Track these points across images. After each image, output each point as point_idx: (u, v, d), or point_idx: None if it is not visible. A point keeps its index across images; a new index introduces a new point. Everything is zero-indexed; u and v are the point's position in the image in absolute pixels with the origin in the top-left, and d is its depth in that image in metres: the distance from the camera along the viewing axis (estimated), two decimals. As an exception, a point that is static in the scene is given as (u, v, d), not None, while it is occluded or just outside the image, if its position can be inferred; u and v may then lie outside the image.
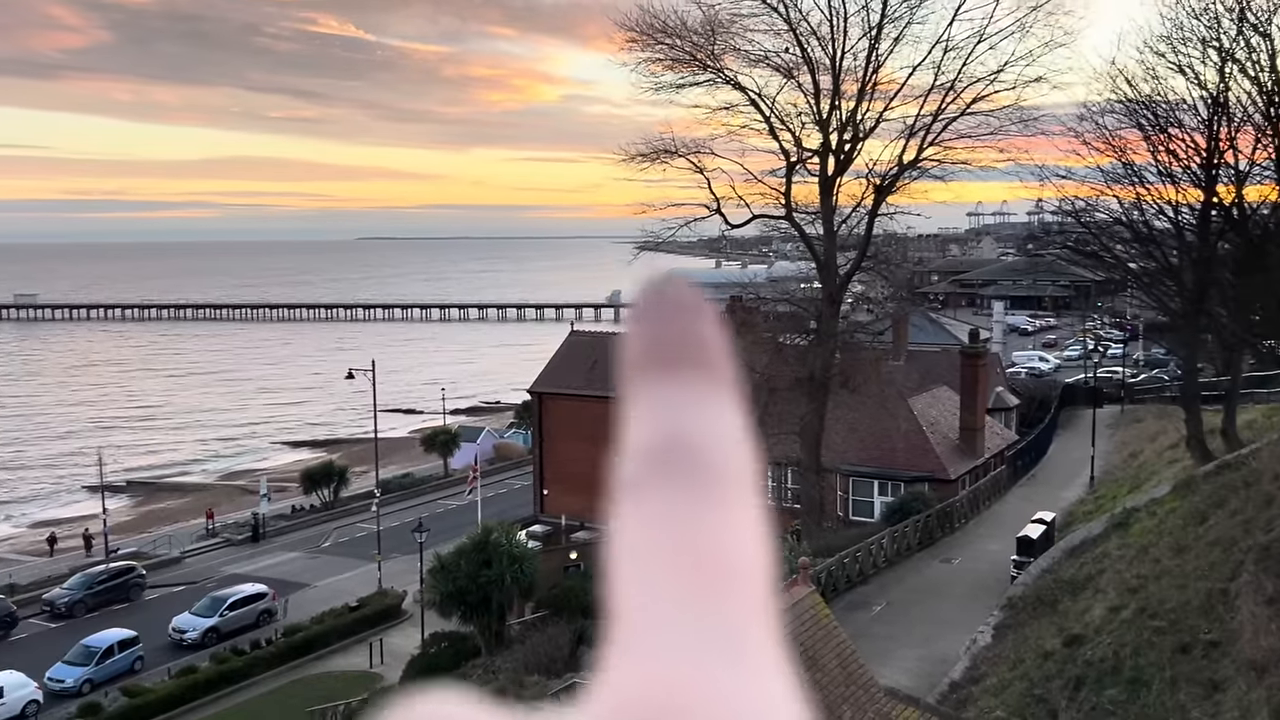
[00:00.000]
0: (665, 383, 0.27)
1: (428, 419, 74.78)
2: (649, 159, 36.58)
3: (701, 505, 0.26)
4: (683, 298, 0.27)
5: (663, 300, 0.27)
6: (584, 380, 44.78)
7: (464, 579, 29.28)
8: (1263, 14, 27.32)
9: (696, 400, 0.26)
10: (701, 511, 0.26)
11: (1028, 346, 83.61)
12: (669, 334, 0.27)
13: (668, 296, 0.27)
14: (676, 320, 0.27)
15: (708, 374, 0.27)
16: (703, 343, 0.27)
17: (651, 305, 0.27)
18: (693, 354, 0.27)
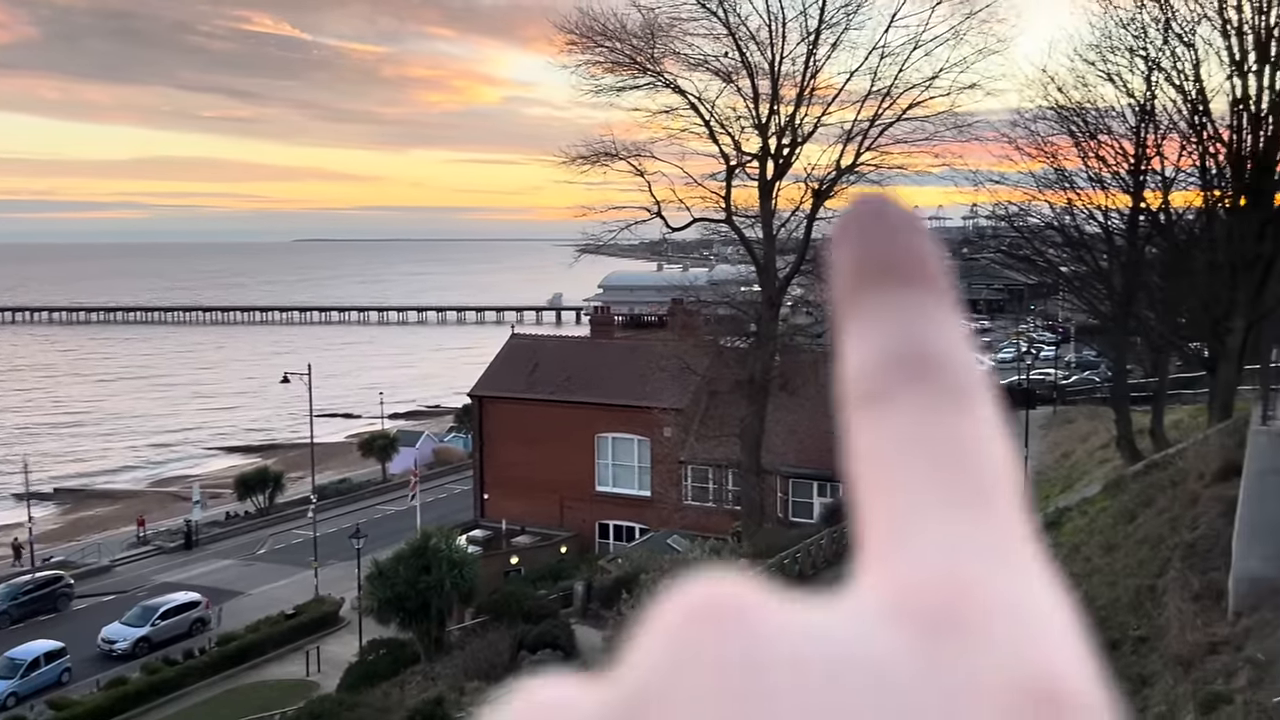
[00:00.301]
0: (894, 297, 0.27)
1: (366, 423, 73.94)
2: (589, 162, 36.58)
3: (953, 412, 0.26)
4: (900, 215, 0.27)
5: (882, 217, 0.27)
6: (525, 384, 44.56)
7: (403, 585, 28.97)
8: (1187, 25, 28.04)
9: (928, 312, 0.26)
10: (955, 418, 0.26)
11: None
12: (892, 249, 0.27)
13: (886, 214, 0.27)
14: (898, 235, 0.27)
15: (932, 287, 0.26)
16: (924, 257, 0.27)
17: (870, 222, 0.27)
18: (917, 268, 0.27)
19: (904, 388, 0.26)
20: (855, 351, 0.27)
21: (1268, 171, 27.33)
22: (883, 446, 0.26)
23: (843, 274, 0.28)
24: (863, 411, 0.27)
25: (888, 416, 0.26)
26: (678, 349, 36.82)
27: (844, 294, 0.28)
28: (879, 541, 0.25)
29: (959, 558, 0.24)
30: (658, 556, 31.06)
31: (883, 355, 0.26)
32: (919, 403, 0.26)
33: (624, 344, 45.76)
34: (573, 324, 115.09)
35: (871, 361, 0.27)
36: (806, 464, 38.76)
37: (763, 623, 0.23)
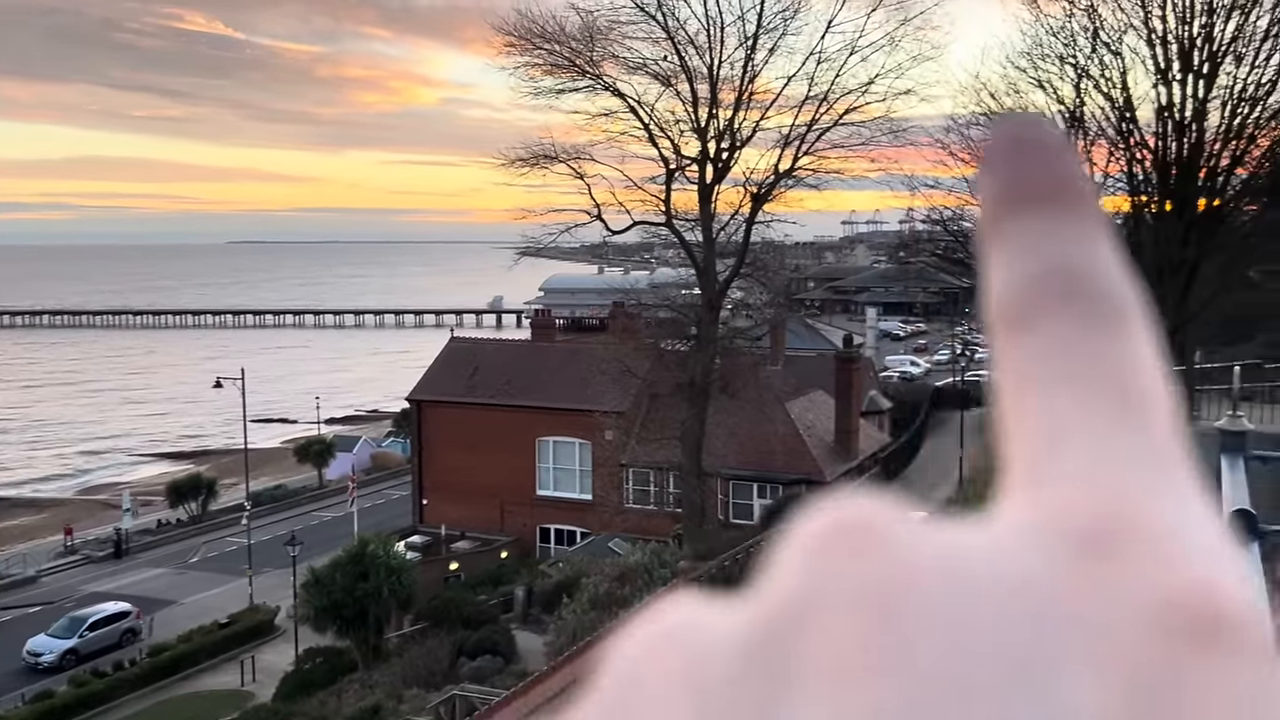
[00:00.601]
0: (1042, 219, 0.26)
1: (302, 429, 72.86)
2: (529, 164, 36.45)
3: (1105, 332, 0.25)
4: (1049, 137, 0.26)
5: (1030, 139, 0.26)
6: (464, 388, 44.25)
7: (339, 592, 28.61)
8: (1114, 34, 28.71)
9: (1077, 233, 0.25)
10: (1106, 338, 0.25)
11: (900, 351, 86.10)
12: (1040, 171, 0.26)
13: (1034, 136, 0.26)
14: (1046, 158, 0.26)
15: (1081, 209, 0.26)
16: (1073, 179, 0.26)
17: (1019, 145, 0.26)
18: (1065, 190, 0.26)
19: (1053, 308, 0.25)
20: (1002, 274, 0.26)
21: (1191, 177, 28.07)
22: (1031, 368, 0.25)
23: (990, 197, 0.27)
24: (1011, 334, 0.26)
25: (1037, 338, 0.25)
26: (619, 352, 36.81)
27: (991, 218, 0.27)
28: (1026, 463, 0.25)
29: (1110, 477, 0.23)
30: (599, 560, 31.02)
31: (1031, 276, 0.26)
32: (1069, 323, 0.25)
33: (565, 347, 45.65)
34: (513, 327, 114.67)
35: (1020, 283, 0.26)
36: (747, 466, 38.99)
37: (907, 539, 0.23)
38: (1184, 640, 0.20)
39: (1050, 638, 0.21)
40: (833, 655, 0.21)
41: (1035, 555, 0.22)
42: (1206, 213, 28.69)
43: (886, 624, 0.21)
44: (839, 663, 0.21)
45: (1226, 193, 29.21)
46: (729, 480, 39.21)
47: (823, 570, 0.23)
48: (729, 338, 37.68)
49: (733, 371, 35.99)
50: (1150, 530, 0.22)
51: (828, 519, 0.24)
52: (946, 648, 0.21)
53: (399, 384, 60.45)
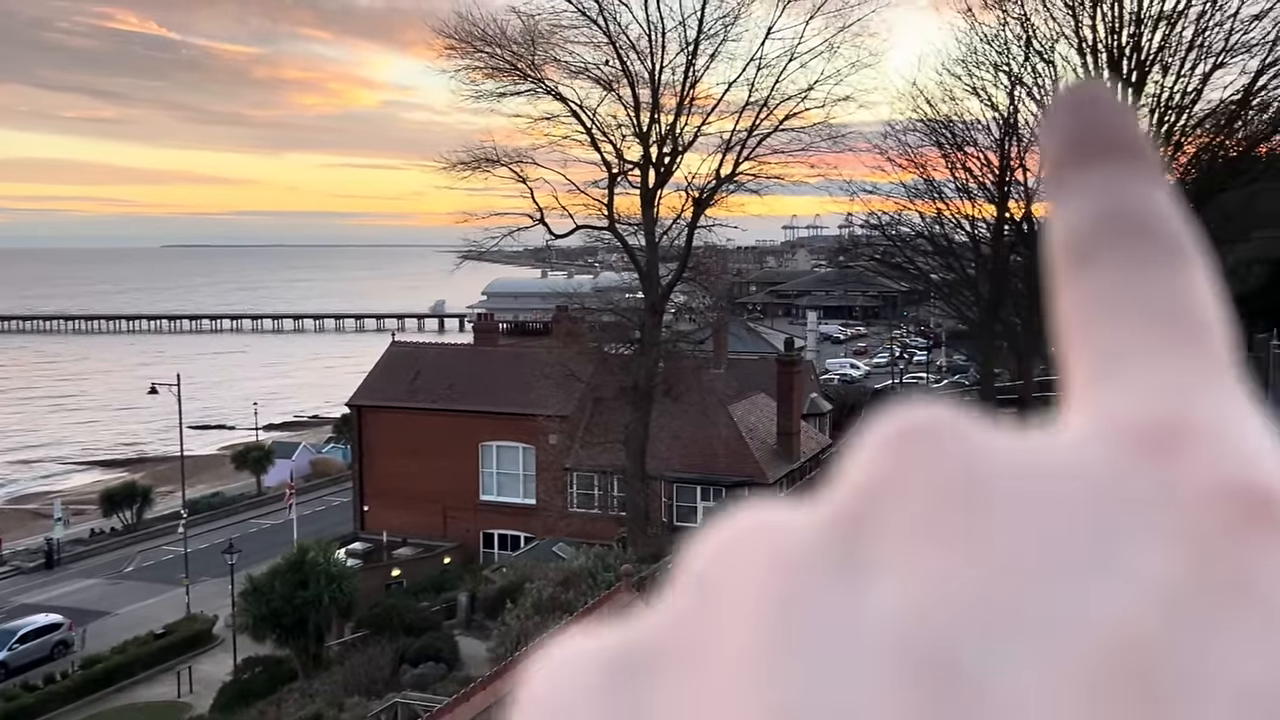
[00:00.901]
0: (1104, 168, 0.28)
1: (240, 435, 71.69)
2: (471, 168, 36.30)
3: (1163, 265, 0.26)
4: (1109, 97, 0.28)
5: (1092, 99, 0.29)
6: (406, 392, 43.89)
7: (279, 600, 28.24)
8: (1046, 42, 29.40)
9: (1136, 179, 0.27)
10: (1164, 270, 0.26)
11: (840, 354, 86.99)
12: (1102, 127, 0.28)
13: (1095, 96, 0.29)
14: (1107, 115, 0.28)
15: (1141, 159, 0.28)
16: (1133, 133, 0.28)
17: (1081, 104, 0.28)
18: (1126, 143, 0.28)
19: (1114, 244, 0.27)
20: (1065, 217, 0.28)
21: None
22: (1092, 298, 0.27)
23: (1054, 151, 0.29)
24: (1073, 270, 0.28)
25: (1098, 271, 0.27)
26: (562, 356, 36.77)
27: (1055, 170, 0.29)
28: (1087, 379, 0.26)
29: (1170, 386, 0.25)
30: (543, 565, 30.95)
31: (1093, 217, 0.27)
32: (1129, 257, 0.27)
33: (508, 351, 45.48)
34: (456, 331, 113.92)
35: (1083, 224, 0.28)
36: (690, 469, 39.14)
37: (978, 437, 0.24)
38: (1243, 519, 0.22)
39: (1117, 516, 0.22)
40: (911, 530, 0.23)
41: (1102, 450, 0.23)
42: (1136, 218, 29.42)
43: (961, 502, 0.23)
44: (917, 536, 0.22)
45: (1155, 198, 29.99)
46: (673, 483, 39.34)
47: (898, 460, 0.24)
48: (672, 341, 37.83)
49: (676, 375, 36.13)
50: (1209, 430, 0.23)
51: (902, 421, 0.25)
52: (1019, 522, 0.22)
53: (339, 389, 59.79)
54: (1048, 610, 0.21)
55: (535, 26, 35.37)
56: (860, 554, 0.23)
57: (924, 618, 0.21)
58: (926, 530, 0.23)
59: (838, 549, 0.23)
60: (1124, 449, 0.23)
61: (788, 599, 0.23)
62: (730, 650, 0.23)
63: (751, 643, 0.22)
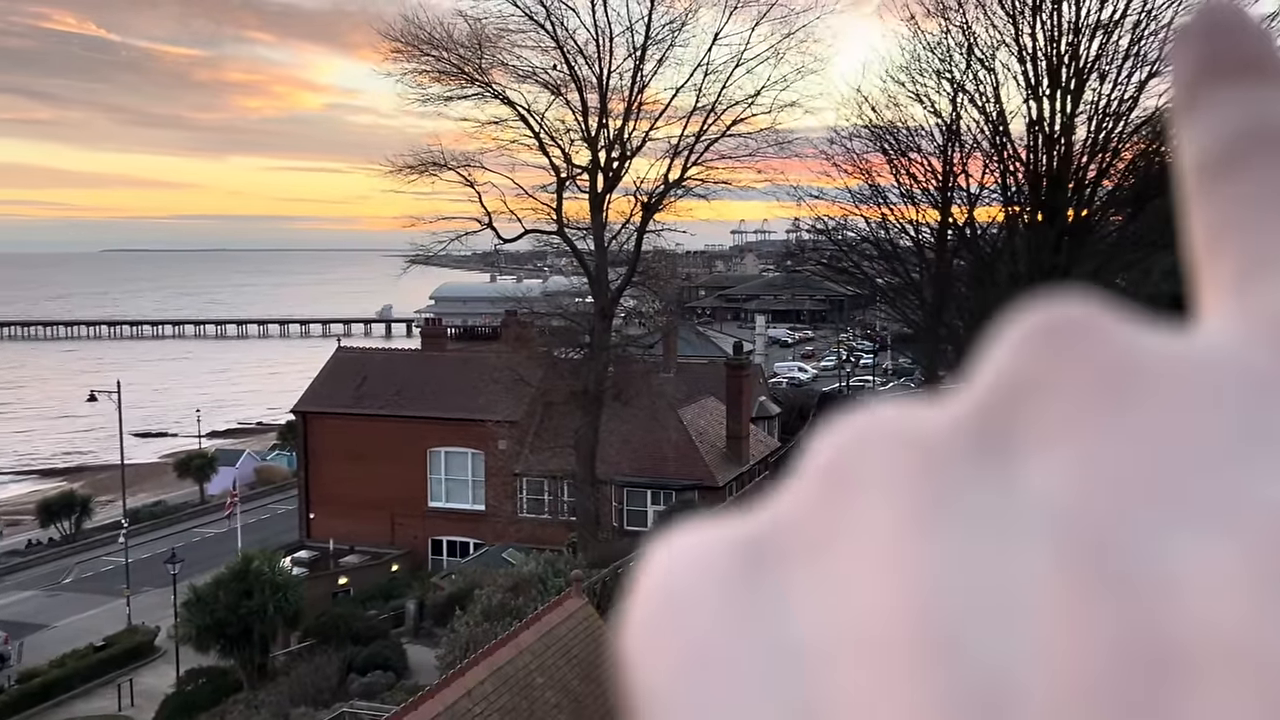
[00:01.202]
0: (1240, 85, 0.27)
1: (182, 443, 70.51)
2: (417, 171, 36.07)
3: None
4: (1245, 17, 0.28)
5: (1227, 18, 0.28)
6: (352, 398, 43.46)
7: (223, 611, 27.81)
8: (988, 50, 29.84)
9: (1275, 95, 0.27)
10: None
11: (788, 357, 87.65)
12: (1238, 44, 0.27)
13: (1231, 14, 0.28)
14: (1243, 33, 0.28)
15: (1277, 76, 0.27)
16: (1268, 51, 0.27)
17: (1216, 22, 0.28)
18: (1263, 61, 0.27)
19: (1253, 154, 0.26)
20: (1201, 135, 0.27)
21: (1061, 188, 29.32)
22: (1235, 207, 0.26)
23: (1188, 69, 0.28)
24: (1211, 183, 0.26)
25: (1241, 182, 0.26)
26: (511, 361, 36.64)
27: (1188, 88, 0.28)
28: (1233, 281, 0.25)
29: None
30: (492, 571, 30.80)
31: (1233, 132, 0.26)
32: (1269, 165, 0.26)
33: (456, 356, 45.22)
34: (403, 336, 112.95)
35: (1221, 138, 0.27)
36: (640, 473, 39.19)
37: (1128, 331, 0.23)
38: None
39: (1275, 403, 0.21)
40: (1065, 416, 0.21)
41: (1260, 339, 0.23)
42: (1076, 223, 30.00)
43: (1118, 389, 0.21)
44: (1072, 421, 0.21)
45: (1094, 204, 30.61)
46: (623, 487, 39.37)
47: (1045, 352, 0.22)
48: (622, 345, 37.88)
49: (626, 379, 36.17)
50: None
51: (1043, 315, 0.23)
52: (1182, 408, 0.21)
53: (284, 396, 59.04)
54: (1222, 492, 0.20)
55: (482, 30, 35.29)
56: (1010, 439, 0.22)
57: (1084, 497, 0.20)
58: (1082, 416, 0.21)
59: (985, 435, 0.22)
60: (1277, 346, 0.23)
61: (930, 480, 0.21)
62: (869, 534, 0.21)
63: (892, 525, 0.21)
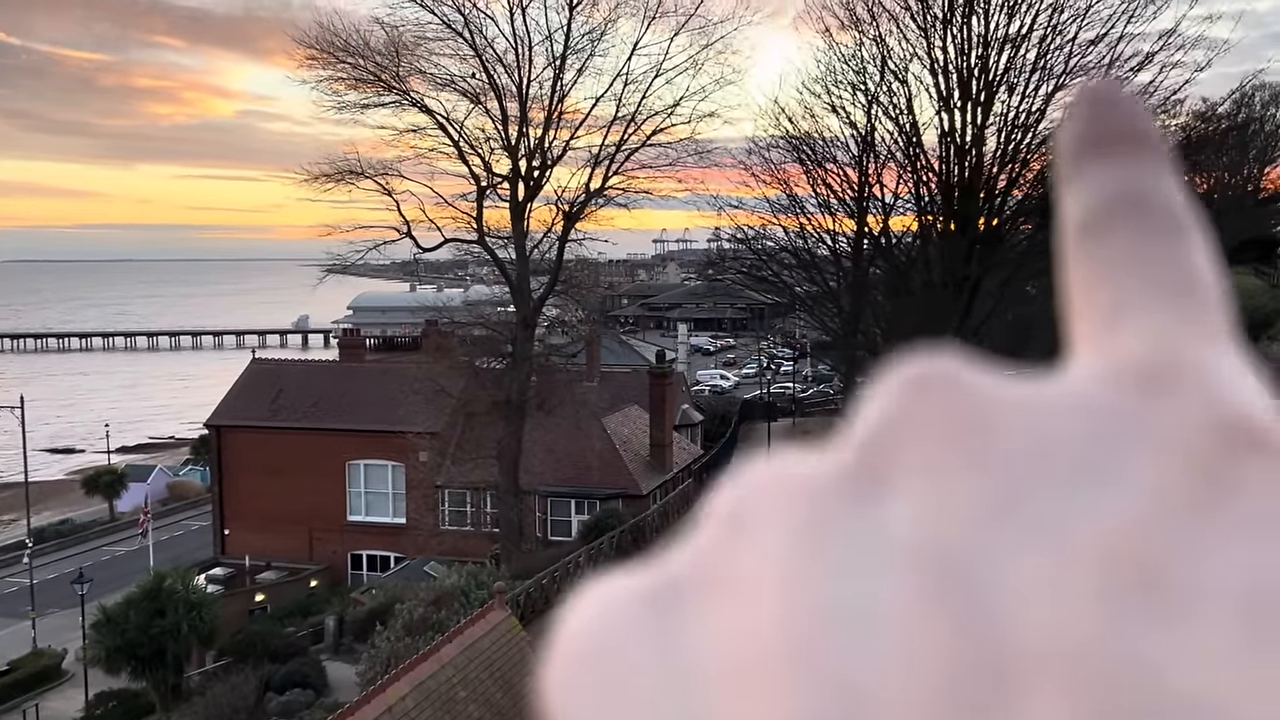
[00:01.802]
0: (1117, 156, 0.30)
1: (90, 459, 68.38)
2: (333, 180, 35.55)
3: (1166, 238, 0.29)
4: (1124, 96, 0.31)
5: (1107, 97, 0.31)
6: (268, 411, 42.62)
7: (134, 631, 27.02)
8: (901, 63, 30.47)
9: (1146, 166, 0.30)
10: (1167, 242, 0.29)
11: (710, 365, 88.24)
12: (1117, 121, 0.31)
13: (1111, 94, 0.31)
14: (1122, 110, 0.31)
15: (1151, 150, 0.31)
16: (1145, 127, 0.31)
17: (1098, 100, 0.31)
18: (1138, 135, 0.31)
19: (1122, 219, 0.29)
20: (1079, 199, 0.31)
21: (973, 199, 30.05)
22: (1100, 264, 0.29)
23: (1069, 146, 0.31)
24: (1084, 244, 0.30)
25: (1105, 241, 0.29)
26: (432, 371, 36.28)
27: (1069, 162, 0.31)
28: (1091, 328, 0.29)
29: (1168, 335, 0.27)
30: (414, 585, 30.43)
31: (1105, 197, 0.30)
32: (1136, 229, 0.29)
33: (375, 367, 44.62)
34: (321, 347, 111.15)
35: (1095, 203, 0.30)
36: (564, 482, 39.10)
37: (984, 379, 0.26)
38: (1232, 441, 0.24)
39: (1120, 439, 0.24)
40: (925, 456, 0.25)
41: (1103, 386, 0.26)
42: (987, 232, 30.76)
43: (972, 431, 0.25)
44: (931, 460, 0.25)
45: (1004, 213, 31.42)
46: (546, 497, 39.22)
47: (912, 401, 0.26)
48: (544, 355, 37.76)
49: (549, 388, 36.06)
50: (1203, 371, 0.26)
51: (912, 367, 0.27)
52: (1025, 444, 0.24)
53: (197, 409, 57.64)
54: (1053, 514, 0.23)
55: (400, 38, 34.94)
56: (879, 480, 0.25)
57: (936, 525, 0.23)
58: (939, 456, 0.25)
59: (859, 477, 0.25)
60: (1124, 385, 0.26)
61: (812, 521, 0.25)
62: (756, 570, 0.25)
63: (775, 561, 0.24)
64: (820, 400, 63.75)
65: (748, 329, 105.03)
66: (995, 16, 29.15)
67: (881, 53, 30.46)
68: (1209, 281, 0.29)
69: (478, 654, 18.17)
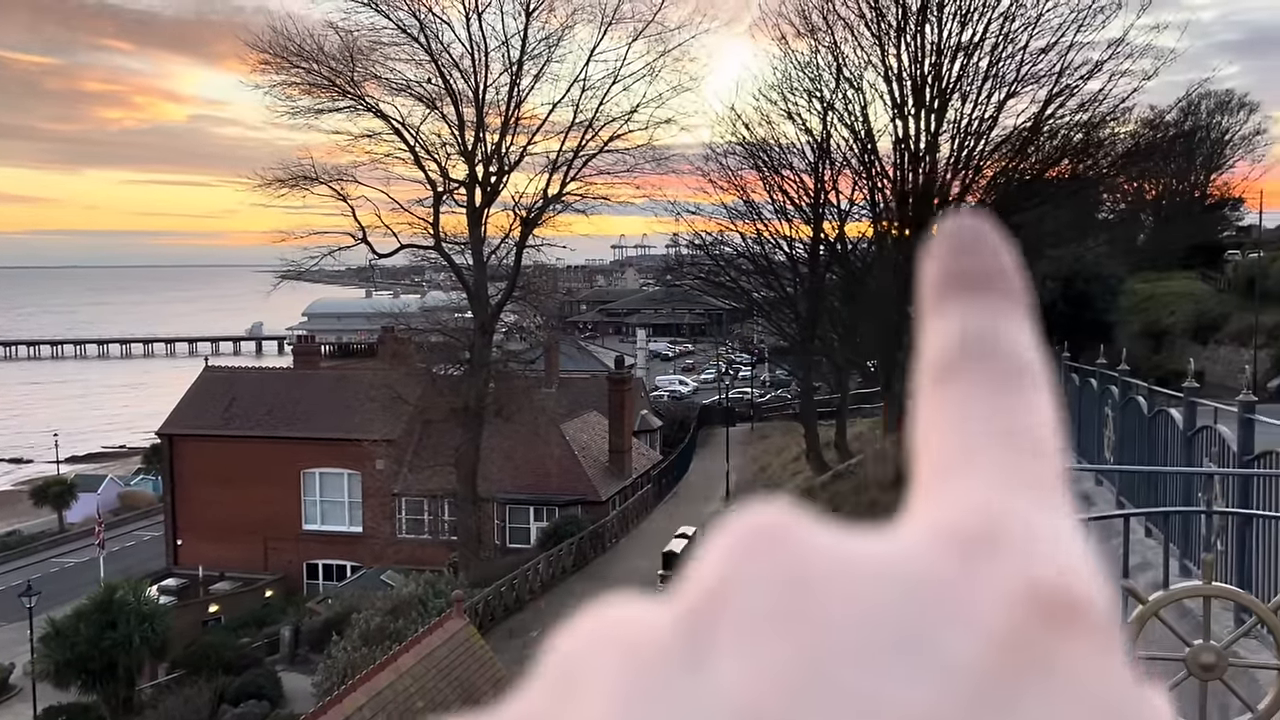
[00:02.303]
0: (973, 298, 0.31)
1: (39, 469, 67.11)
2: (287, 185, 35.26)
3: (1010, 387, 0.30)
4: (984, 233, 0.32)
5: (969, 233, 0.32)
6: (221, 419, 42.07)
7: (84, 644, 26.53)
8: (856, 70, 30.77)
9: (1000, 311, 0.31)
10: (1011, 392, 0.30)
11: (669, 371, 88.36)
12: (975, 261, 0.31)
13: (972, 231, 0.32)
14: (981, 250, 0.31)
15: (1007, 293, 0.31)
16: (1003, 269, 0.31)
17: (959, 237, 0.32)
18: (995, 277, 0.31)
19: (970, 366, 0.30)
20: (933, 339, 0.32)
21: (927, 205, 30.39)
22: (944, 412, 0.30)
23: (930, 282, 0.32)
24: (934, 387, 0.31)
25: (953, 388, 0.30)
26: (388, 378, 36.01)
27: (930, 298, 0.32)
28: (926, 485, 0.30)
29: (995, 494, 0.28)
30: (370, 594, 30.15)
31: (955, 342, 0.31)
32: (981, 379, 0.30)
33: (330, 374, 44.20)
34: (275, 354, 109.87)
35: (946, 346, 0.31)
36: (523, 489, 38.92)
37: (810, 537, 0.27)
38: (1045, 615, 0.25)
39: (934, 611, 0.25)
40: (748, 623, 0.26)
41: (925, 550, 0.27)
42: (941, 238, 31.08)
43: (794, 597, 0.26)
44: (754, 628, 0.25)
45: (958, 219, 31.77)
46: (505, 504, 39.03)
47: (739, 560, 0.27)
48: (503, 361, 37.62)
49: (507, 395, 35.92)
50: (1025, 537, 0.27)
51: (744, 522, 0.28)
52: (845, 616, 0.25)
53: (149, 418, 56.77)
54: (865, 692, 0.24)
55: (354, 42, 34.74)
56: (703, 647, 0.26)
57: (755, 699, 0.24)
58: (762, 623, 0.25)
59: (683, 643, 0.26)
60: (946, 551, 0.27)
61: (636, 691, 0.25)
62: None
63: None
64: (778, 405, 64.07)
65: (706, 334, 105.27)
66: (948, 25, 29.53)
67: (837, 60, 30.75)
68: (1047, 436, 0.30)
69: (436, 663, 18.03)
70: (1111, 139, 32.66)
